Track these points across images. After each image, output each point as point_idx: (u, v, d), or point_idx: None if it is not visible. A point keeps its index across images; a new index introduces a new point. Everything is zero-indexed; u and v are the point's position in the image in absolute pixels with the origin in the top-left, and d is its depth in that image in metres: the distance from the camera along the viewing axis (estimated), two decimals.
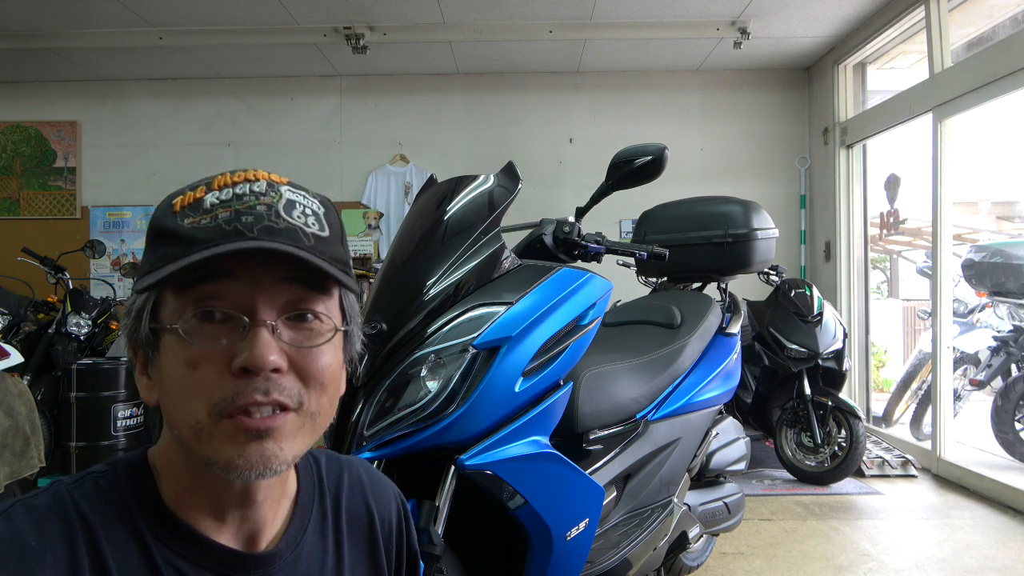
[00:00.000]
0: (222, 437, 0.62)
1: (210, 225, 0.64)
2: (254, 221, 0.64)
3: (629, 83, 5.79)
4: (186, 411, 0.63)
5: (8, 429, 2.71)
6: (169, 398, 0.64)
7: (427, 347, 1.47)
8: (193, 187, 0.67)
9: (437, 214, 1.63)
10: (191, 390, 0.62)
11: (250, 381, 0.62)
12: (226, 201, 0.65)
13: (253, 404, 0.62)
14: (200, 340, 0.63)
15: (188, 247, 0.62)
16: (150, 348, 0.66)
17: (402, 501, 0.87)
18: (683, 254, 2.94)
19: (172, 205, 0.66)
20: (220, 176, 0.68)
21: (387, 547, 0.83)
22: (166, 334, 0.64)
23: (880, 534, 3.19)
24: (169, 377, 0.64)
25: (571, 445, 1.86)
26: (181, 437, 0.64)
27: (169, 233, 0.64)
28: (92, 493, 0.66)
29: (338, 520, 0.79)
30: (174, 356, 0.63)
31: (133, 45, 5.02)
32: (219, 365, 0.63)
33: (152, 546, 0.65)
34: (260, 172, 0.68)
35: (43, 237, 5.52)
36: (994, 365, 4.54)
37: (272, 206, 0.66)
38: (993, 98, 3.69)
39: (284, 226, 0.65)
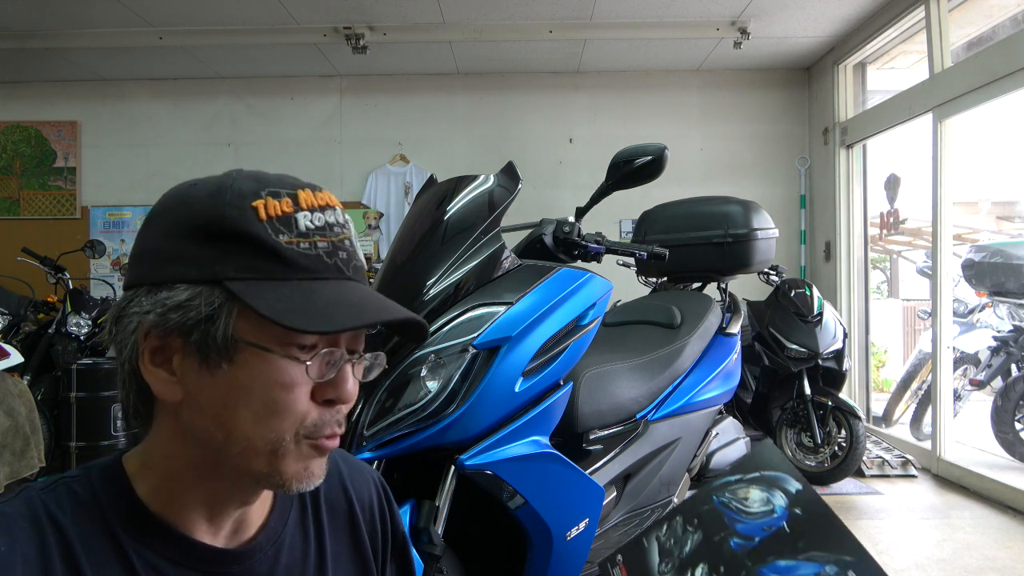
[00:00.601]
0: (296, 456, 0.66)
1: (311, 253, 0.65)
2: (347, 258, 0.68)
3: (629, 83, 5.79)
4: (268, 428, 0.64)
5: (8, 429, 2.71)
6: (244, 410, 0.64)
7: (427, 347, 1.47)
8: (274, 194, 0.65)
9: (437, 214, 1.63)
10: (281, 411, 0.64)
11: (333, 412, 0.67)
12: (321, 228, 0.66)
13: (333, 435, 0.67)
14: (312, 370, 0.65)
15: (291, 270, 0.64)
16: (217, 353, 0.63)
17: (382, 484, 0.88)
18: (683, 254, 2.94)
19: (254, 209, 0.63)
20: (303, 192, 0.67)
21: (370, 531, 0.83)
22: (252, 351, 0.63)
23: (880, 534, 3.19)
24: (253, 394, 0.63)
25: (571, 445, 1.86)
26: (248, 448, 0.64)
27: (262, 244, 0.63)
28: (64, 497, 0.65)
29: (318, 510, 0.79)
30: (266, 375, 0.63)
31: (133, 45, 5.02)
32: (306, 391, 0.65)
33: (128, 547, 0.65)
34: (331, 196, 0.70)
35: (43, 237, 5.52)
36: (994, 365, 4.54)
37: (351, 240, 0.69)
38: (993, 98, 3.69)
39: (359, 264, 0.70)
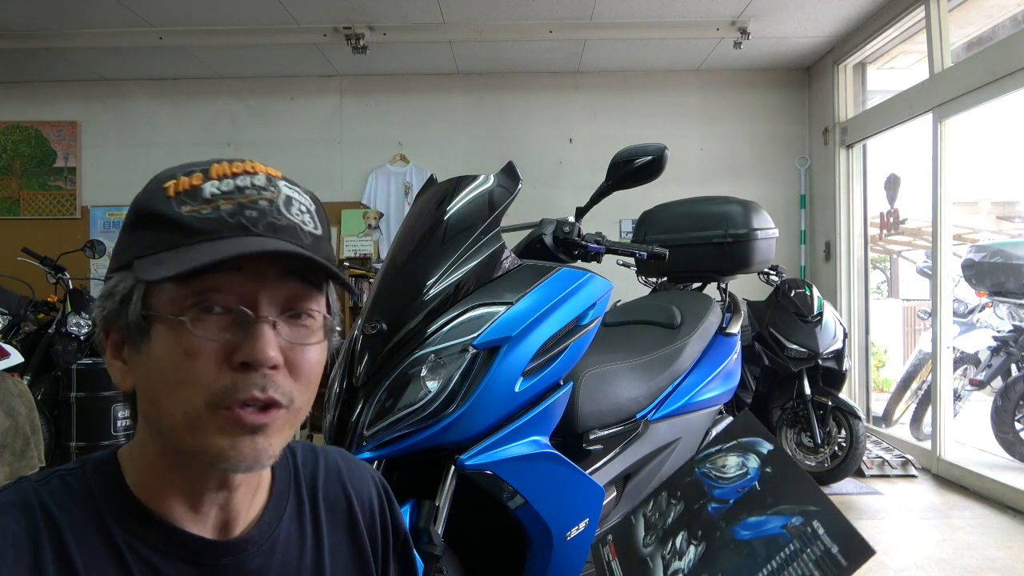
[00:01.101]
0: (216, 428, 0.63)
1: (212, 216, 0.63)
2: (258, 216, 0.65)
3: (629, 83, 5.79)
4: (181, 399, 0.62)
5: (8, 429, 2.71)
6: (160, 384, 0.64)
7: (427, 347, 1.47)
8: (187, 172, 0.66)
9: (437, 214, 1.63)
10: (188, 379, 0.62)
11: (248, 376, 0.63)
12: (227, 192, 0.65)
13: (251, 400, 0.63)
14: (202, 331, 0.62)
15: (189, 236, 0.63)
16: (138, 333, 0.64)
17: (381, 482, 0.87)
18: (683, 254, 2.94)
19: (164, 189, 0.65)
20: (217, 164, 0.67)
21: (369, 529, 0.82)
22: (161, 322, 0.63)
23: (880, 534, 3.19)
24: (163, 365, 0.63)
25: (571, 445, 1.86)
26: (171, 424, 0.64)
27: (164, 219, 0.64)
28: (58, 489, 0.66)
29: (315, 506, 0.79)
30: (171, 345, 0.63)
31: (133, 45, 5.02)
32: (218, 357, 0.63)
33: (119, 539, 0.65)
34: (257, 164, 0.68)
35: (43, 237, 5.52)
36: (994, 365, 4.54)
37: (273, 202, 0.66)
38: (993, 98, 3.69)
39: (285, 223, 0.66)
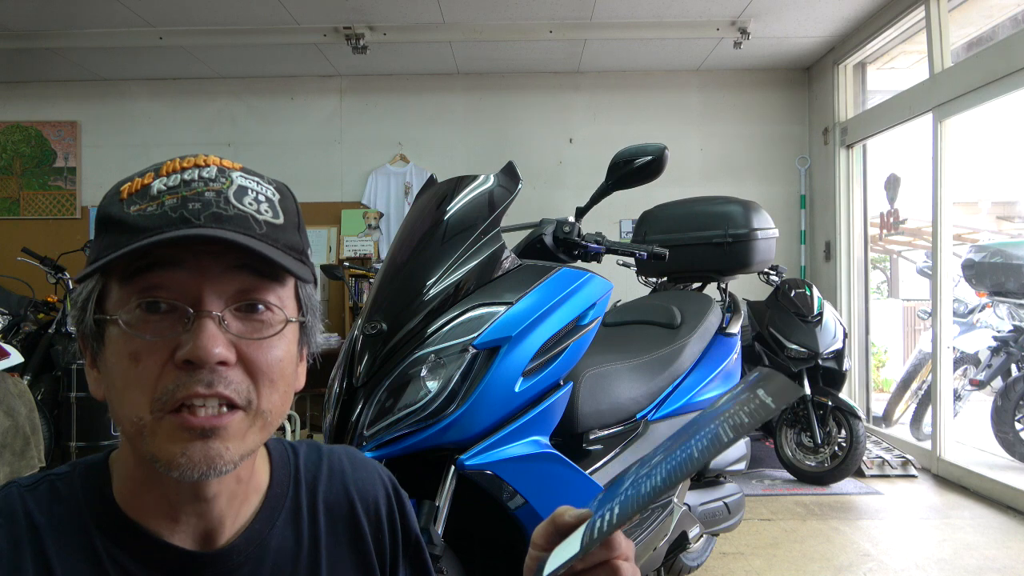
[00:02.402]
0: (164, 435, 0.60)
1: (155, 212, 0.61)
2: (201, 208, 0.61)
3: (629, 83, 5.79)
4: (129, 406, 0.60)
5: (8, 429, 2.71)
6: (113, 392, 0.62)
7: (427, 347, 1.47)
8: (142, 174, 0.65)
9: (437, 214, 1.63)
10: (133, 384, 0.60)
11: (193, 374, 0.59)
12: (173, 187, 0.63)
13: (195, 396, 0.59)
14: (143, 332, 0.60)
15: (133, 235, 0.60)
16: (95, 340, 0.63)
17: (392, 482, 0.83)
18: (683, 254, 2.93)
19: (119, 192, 0.64)
20: (169, 162, 0.65)
21: (375, 533, 0.78)
22: (110, 325, 0.62)
23: (880, 534, 3.19)
24: (113, 371, 0.61)
25: (571, 445, 1.86)
26: (125, 432, 0.62)
27: (115, 221, 0.62)
28: (45, 496, 0.65)
29: (314, 511, 0.75)
30: (118, 349, 0.61)
31: (133, 45, 5.02)
32: (162, 358, 0.60)
33: (100, 547, 0.64)
34: (212, 158, 0.66)
35: (43, 237, 5.53)
36: (994, 365, 4.54)
37: (221, 192, 0.63)
38: (993, 98, 3.69)
39: (233, 213, 0.62)
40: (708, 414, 0.66)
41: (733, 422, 0.59)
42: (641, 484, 0.60)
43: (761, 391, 0.61)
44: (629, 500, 0.58)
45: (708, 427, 0.61)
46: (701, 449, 0.58)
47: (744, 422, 0.58)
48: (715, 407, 0.67)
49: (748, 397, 0.61)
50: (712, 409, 0.67)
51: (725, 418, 0.60)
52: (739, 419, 0.59)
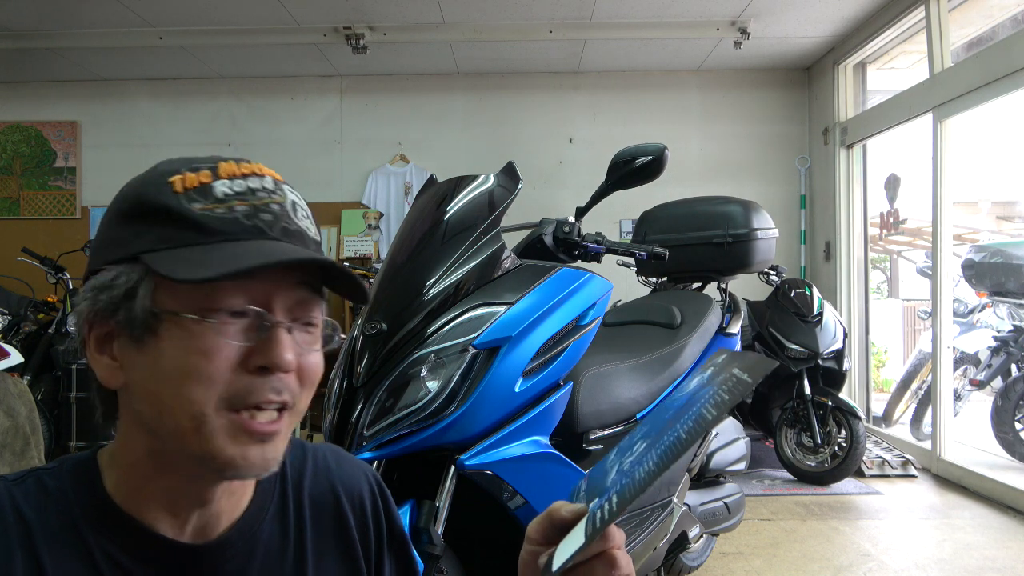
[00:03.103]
0: (225, 434, 0.62)
1: (227, 216, 0.63)
2: (273, 220, 0.65)
3: (629, 83, 5.79)
4: (191, 400, 0.61)
5: (8, 429, 2.71)
6: (167, 385, 0.62)
7: (427, 347, 1.47)
8: (193, 168, 0.65)
9: (437, 214, 1.63)
10: (201, 380, 0.61)
11: (266, 379, 0.63)
12: (240, 193, 0.64)
13: (266, 402, 0.63)
14: (226, 334, 0.61)
15: (205, 235, 0.62)
16: (143, 330, 0.62)
17: (376, 479, 0.85)
18: (683, 254, 2.93)
19: (170, 184, 0.63)
20: (225, 163, 0.66)
21: (360, 528, 0.80)
22: (172, 321, 0.61)
23: (880, 534, 3.19)
24: (174, 364, 0.61)
25: (571, 445, 1.86)
26: (175, 426, 0.62)
27: (175, 214, 0.62)
28: (33, 490, 0.65)
29: (300, 506, 0.77)
30: (186, 345, 0.61)
31: (133, 45, 5.02)
32: (232, 359, 0.62)
33: (91, 542, 0.64)
34: (261, 166, 0.68)
35: (43, 237, 5.52)
36: (994, 365, 4.54)
37: (283, 205, 0.66)
38: (993, 98, 3.69)
39: (295, 228, 0.66)
40: (682, 398, 0.67)
41: (714, 400, 0.61)
42: (634, 471, 0.60)
43: (736, 369, 0.64)
44: (625, 488, 0.59)
45: (690, 410, 0.62)
46: (688, 430, 0.60)
47: (724, 399, 0.60)
48: (687, 391, 0.69)
49: (724, 377, 0.63)
50: (684, 393, 0.69)
51: (706, 399, 0.61)
52: (719, 397, 0.61)
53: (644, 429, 0.70)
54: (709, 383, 0.65)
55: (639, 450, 0.64)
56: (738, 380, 0.61)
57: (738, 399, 0.60)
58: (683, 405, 0.64)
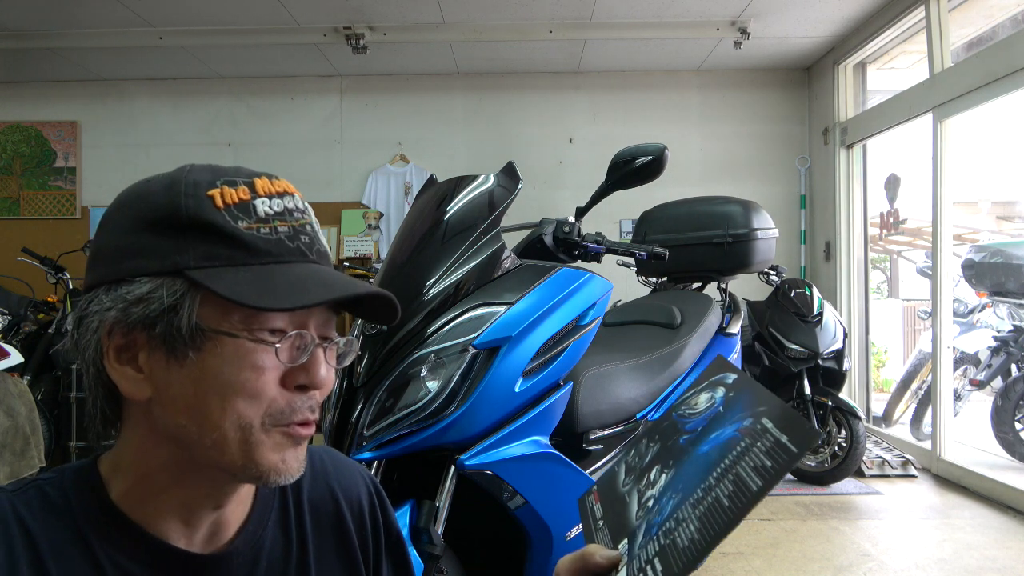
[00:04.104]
0: (270, 444, 0.64)
1: (271, 237, 0.64)
2: (310, 242, 0.67)
3: (629, 83, 5.79)
4: (239, 414, 0.62)
5: (8, 429, 2.71)
6: (213, 399, 0.62)
7: (427, 347, 1.47)
8: (230, 183, 0.65)
9: (437, 214, 1.63)
10: (249, 396, 0.62)
11: (305, 398, 0.65)
12: (280, 214, 0.66)
13: (304, 421, 0.65)
14: (280, 353, 0.63)
15: (254, 255, 0.63)
16: (184, 344, 0.61)
17: (372, 481, 0.86)
18: (683, 254, 2.94)
19: (209, 198, 0.63)
20: (259, 180, 0.66)
21: (359, 530, 0.81)
22: (222, 336, 0.62)
23: (880, 534, 3.19)
24: (221, 380, 0.62)
25: (571, 445, 1.86)
26: (219, 439, 0.62)
27: (221, 232, 0.62)
28: (35, 500, 0.64)
29: (300, 510, 0.77)
30: (236, 361, 0.62)
31: (133, 45, 5.02)
32: (275, 376, 0.64)
33: (99, 552, 0.63)
34: (287, 183, 0.70)
35: (43, 237, 5.52)
36: (994, 365, 4.54)
37: (313, 226, 0.69)
38: (993, 98, 3.69)
39: (323, 249, 0.69)
40: (698, 421, 0.65)
41: (754, 463, 0.56)
42: (675, 535, 0.58)
43: (767, 420, 0.58)
44: (667, 554, 0.57)
45: (722, 464, 0.58)
46: (728, 495, 0.56)
47: (767, 465, 0.55)
48: (696, 408, 0.67)
49: (754, 427, 0.59)
50: (698, 414, 0.66)
51: (741, 457, 0.57)
52: (759, 461, 0.56)
53: (655, 449, 0.68)
54: (732, 418, 0.62)
55: (662, 482, 0.62)
56: (778, 444, 0.56)
57: (784, 471, 0.54)
58: (711, 447, 0.61)
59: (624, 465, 0.73)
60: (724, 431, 0.62)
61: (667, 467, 0.64)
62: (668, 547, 0.57)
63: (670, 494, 0.61)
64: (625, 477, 0.69)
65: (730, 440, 0.61)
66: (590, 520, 0.71)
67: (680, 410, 0.71)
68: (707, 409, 0.67)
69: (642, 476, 0.67)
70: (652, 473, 0.65)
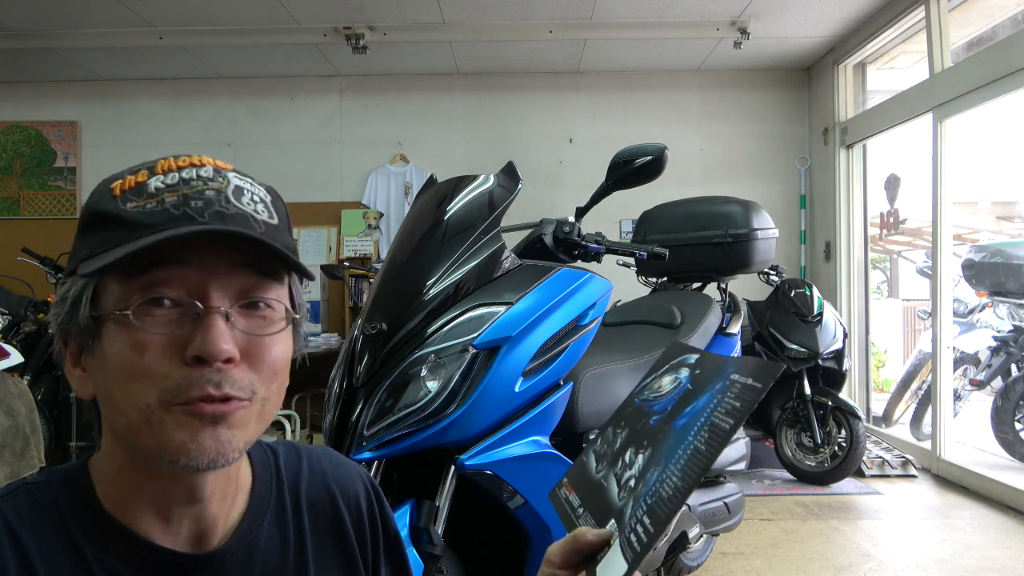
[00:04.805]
0: (173, 423, 0.60)
1: (156, 209, 0.61)
2: (204, 206, 0.62)
3: (629, 83, 5.79)
4: (135, 396, 0.60)
5: (8, 429, 2.71)
6: (114, 384, 0.61)
7: (427, 347, 1.47)
8: (133, 171, 0.65)
9: (437, 214, 1.63)
10: (140, 374, 0.60)
11: (203, 371, 0.60)
12: (172, 185, 0.63)
13: (206, 396, 0.60)
14: (151, 326, 0.60)
15: (133, 231, 0.60)
16: (89, 336, 0.62)
17: (370, 481, 0.84)
18: (683, 254, 2.94)
19: (111, 189, 0.64)
20: (163, 160, 0.66)
21: (357, 530, 0.80)
22: (110, 321, 0.61)
23: (880, 534, 3.19)
24: (114, 363, 0.61)
25: (571, 445, 1.86)
26: (127, 424, 0.61)
27: (110, 217, 0.62)
28: (23, 505, 0.63)
29: (298, 509, 0.76)
30: (121, 342, 0.60)
31: (133, 45, 5.02)
32: (169, 351, 0.60)
33: (89, 555, 0.62)
34: (205, 157, 0.67)
35: (43, 237, 5.52)
36: (994, 365, 4.54)
37: (221, 191, 0.64)
38: (993, 98, 3.69)
39: (234, 212, 0.63)
40: (666, 402, 0.66)
41: (725, 408, 0.59)
42: (659, 488, 0.59)
43: (735, 375, 0.62)
44: (656, 508, 0.58)
45: (699, 419, 0.61)
46: (705, 440, 0.58)
47: (736, 406, 0.59)
48: (661, 393, 0.68)
49: (723, 384, 0.62)
50: (661, 396, 0.67)
51: (713, 408, 0.60)
52: (729, 405, 0.59)
53: (624, 434, 0.69)
54: (704, 389, 0.64)
55: (640, 462, 0.63)
56: (745, 386, 0.59)
57: (751, 406, 0.57)
58: (687, 419, 0.63)
59: (593, 454, 0.73)
60: (698, 402, 0.63)
61: (641, 448, 0.65)
62: (655, 503, 0.59)
63: (652, 468, 0.62)
64: (597, 464, 0.70)
65: (705, 404, 0.63)
66: (568, 510, 0.71)
67: (643, 395, 0.72)
68: (673, 390, 0.68)
69: (616, 460, 0.67)
70: (627, 455, 0.66)
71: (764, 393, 0.58)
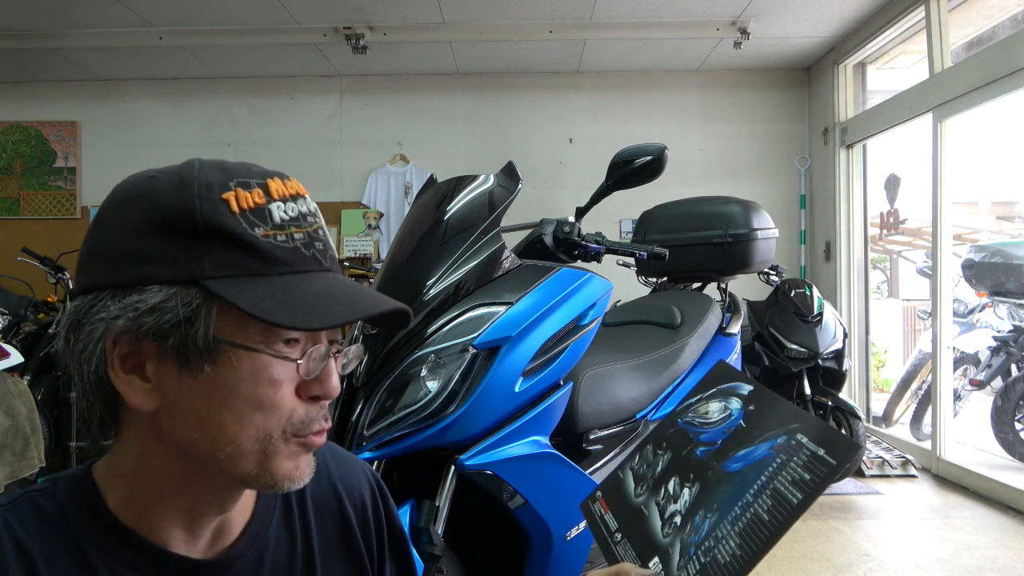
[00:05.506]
0: (287, 452, 0.64)
1: (288, 246, 0.62)
2: (323, 249, 0.66)
3: (629, 83, 5.79)
4: (257, 425, 0.61)
5: (8, 429, 2.71)
6: (229, 412, 0.60)
7: (427, 347, 1.47)
8: (242, 183, 0.62)
9: (437, 214, 1.63)
10: (269, 408, 0.62)
11: (320, 408, 0.65)
12: (295, 219, 0.64)
13: (320, 431, 0.65)
14: (289, 366, 0.63)
15: (271, 265, 0.61)
16: (198, 356, 0.59)
17: (375, 478, 0.84)
18: (683, 254, 2.94)
19: (225, 202, 0.60)
20: (271, 180, 0.64)
21: (362, 528, 0.80)
22: (235, 351, 0.60)
23: (880, 534, 3.19)
24: (237, 393, 0.60)
25: (571, 445, 1.86)
26: (236, 451, 0.61)
27: (238, 240, 0.60)
28: (29, 513, 0.63)
29: (304, 508, 0.76)
30: (254, 375, 0.60)
31: (133, 45, 5.02)
32: (292, 388, 0.63)
33: (97, 562, 0.62)
34: (298, 184, 0.67)
35: (43, 237, 5.52)
36: (994, 365, 4.54)
37: (323, 229, 0.67)
38: (993, 98, 3.69)
39: (332, 254, 0.68)
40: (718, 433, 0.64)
41: (792, 477, 0.56)
42: (713, 546, 0.58)
43: (802, 436, 0.58)
44: (707, 569, 0.57)
45: (758, 479, 0.58)
46: (768, 510, 0.56)
47: (805, 479, 0.55)
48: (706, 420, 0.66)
49: (788, 443, 0.58)
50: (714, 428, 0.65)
51: (776, 470, 0.57)
52: (796, 475, 0.56)
53: (665, 458, 0.66)
54: (761, 435, 0.60)
55: (686, 497, 0.61)
56: (815, 457, 0.56)
57: (824, 486, 0.53)
58: (744, 465, 0.60)
59: (631, 472, 0.71)
60: (756, 449, 0.61)
61: (688, 481, 0.63)
62: (709, 564, 0.57)
63: (704, 513, 0.60)
64: (636, 487, 0.68)
65: (765, 458, 0.60)
66: (602, 530, 0.70)
67: (687, 417, 0.70)
68: (723, 421, 0.66)
69: (658, 487, 0.66)
70: (671, 485, 0.65)
71: (838, 473, 0.54)
